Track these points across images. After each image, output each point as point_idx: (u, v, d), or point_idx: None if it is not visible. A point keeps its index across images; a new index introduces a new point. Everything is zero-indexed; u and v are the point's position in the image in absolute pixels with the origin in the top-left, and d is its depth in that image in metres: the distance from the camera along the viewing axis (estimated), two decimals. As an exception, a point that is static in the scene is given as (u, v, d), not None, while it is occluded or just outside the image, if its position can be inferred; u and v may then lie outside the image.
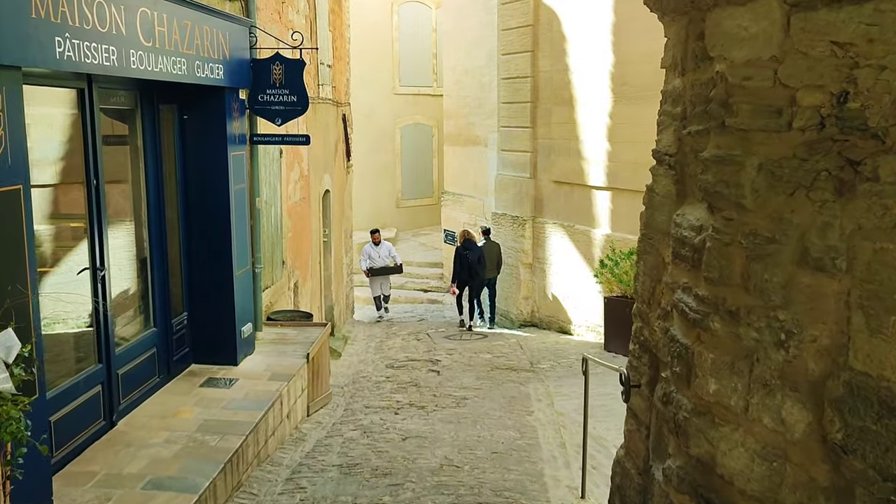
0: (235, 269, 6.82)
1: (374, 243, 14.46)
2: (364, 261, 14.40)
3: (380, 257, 14.33)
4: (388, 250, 14.53)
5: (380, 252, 14.39)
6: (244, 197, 7.06)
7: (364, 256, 14.44)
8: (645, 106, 10.25)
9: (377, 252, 14.39)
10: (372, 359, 11.12)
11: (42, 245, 4.91)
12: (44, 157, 4.89)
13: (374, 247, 14.42)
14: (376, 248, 14.41)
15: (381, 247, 14.46)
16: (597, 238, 11.53)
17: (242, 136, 7.02)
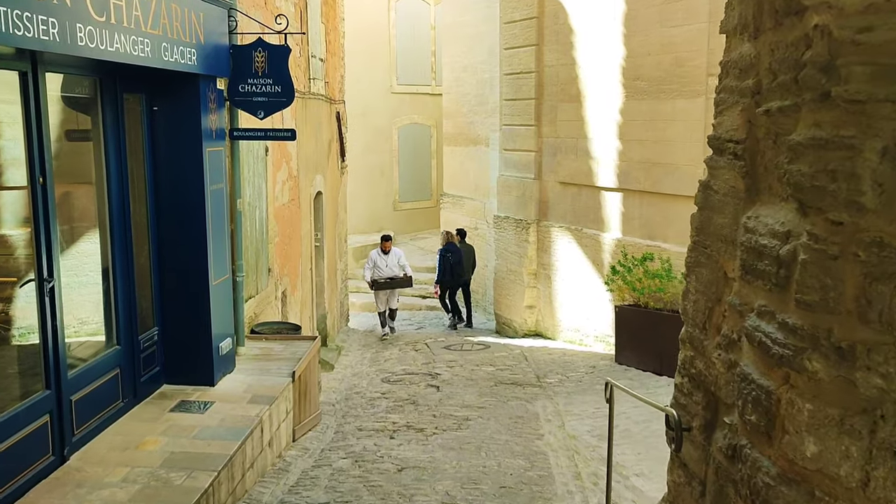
0: (212, 278, 6.12)
1: (383, 251, 12.62)
2: (368, 270, 12.55)
3: (387, 266, 12.54)
4: (398, 259, 12.61)
5: (388, 261, 12.56)
6: (223, 198, 6.35)
7: (368, 265, 12.60)
8: (660, 101, 9.57)
9: (384, 261, 12.55)
10: (367, 372, 10.41)
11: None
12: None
13: (383, 255, 12.57)
14: (384, 256, 12.57)
15: (391, 255, 12.61)
16: (606, 243, 10.84)
17: (221, 130, 6.32)
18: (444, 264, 13.39)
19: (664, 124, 9.73)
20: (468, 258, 13.59)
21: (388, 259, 12.51)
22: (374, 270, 12.49)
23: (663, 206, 9.88)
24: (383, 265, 12.51)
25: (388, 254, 12.54)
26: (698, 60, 9.13)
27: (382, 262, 12.52)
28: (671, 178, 9.67)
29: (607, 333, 10.92)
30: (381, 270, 12.51)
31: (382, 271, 12.51)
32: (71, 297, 4.96)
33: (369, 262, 12.59)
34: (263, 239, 7.95)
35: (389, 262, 12.51)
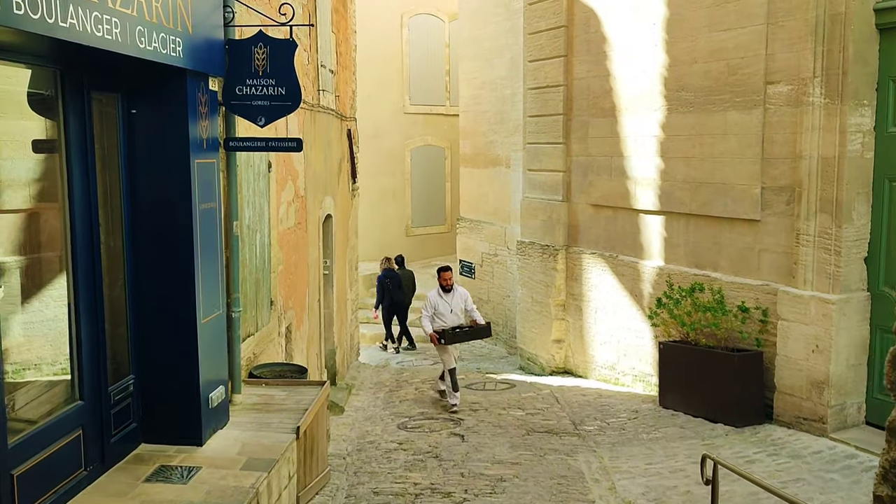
0: (201, 314, 5.09)
1: (444, 288, 9.44)
2: (427, 317, 9.37)
3: (452, 312, 9.37)
4: (464, 301, 9.53)
5: (452, 303, 9.38)
6: (215, 220, 5.35)
7: (427, 310, 9.41)
8: (708, 113, 8.57)
9: (447, 303, 9.38)
10: (380, 415, 9.32)
11: None
12: None
13: (444, 294, 9.43)
14: (446, 295, 9.42)
15: (454, 295, 9.44)
16: (647, 271, 9.77)
17: (213, 139, 5.33)
18: (384, 290, 14.15)
19: (713, 139, 8.71)
20: (407, 283, 14.59)
21: (451, 300, 9.40)
22: (438, 319, 9.36)
23: (713, 231, 8.83)
24: (446, 309, 9.37)
25: (450, 292, 9.45)
26: (754, 67, 8.13)
27: (445, 306, 9.38)
28: (722, 199, 8.63)
29: (647, 372, 9.82)
30: (445, 317, 9.35)
31: (446, 318, 9.35)
32: (17, 341, 3.94)
33: (428, 308, 9.40)
34: (265, 268, 6.94)
35: (454, 305, 9.40)
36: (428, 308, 9.41)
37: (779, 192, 7.97)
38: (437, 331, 9.24)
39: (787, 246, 7.90)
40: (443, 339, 9.19)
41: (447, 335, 9.21)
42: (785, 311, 7.75)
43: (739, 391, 7.99)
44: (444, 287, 9.44)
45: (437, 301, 9.38)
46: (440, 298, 9.40)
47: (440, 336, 9.21)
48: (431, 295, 9.50)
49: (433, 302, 9.39)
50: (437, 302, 9.37)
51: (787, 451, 7.08)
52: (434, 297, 9.44)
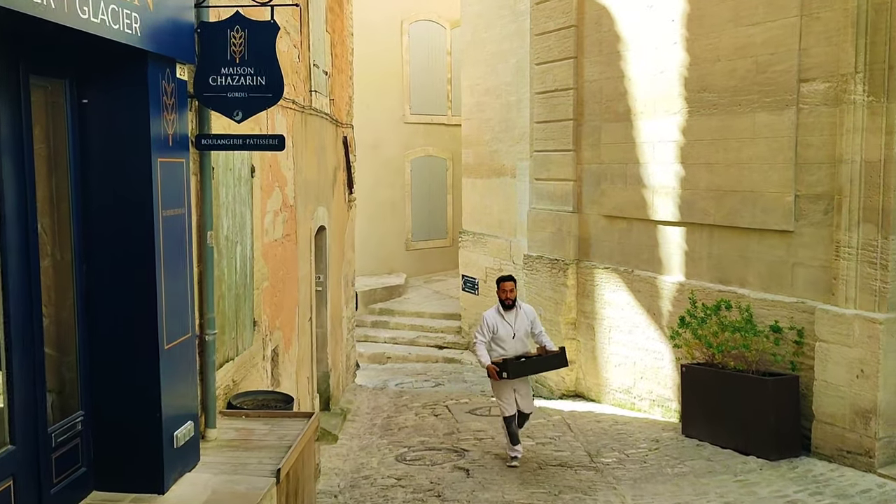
0: (165, 339, 4.34)
1: (504, 304, 7.44)
2: (482, 343, 7.36)
3: (515, 337, 7.37)
4: (531, 322, 7.51)
5: (515, 325, 7.38)
6: (184, 228, 4.62)
7: (482, 334, 7.40)
8: (734, 115, 7.88)
9: (508, 325, 7.37)
10: (377, 444, 8.56)
11: None
12: None
13: (504, 312, 7.43)
14: (507, 313, 7.41)
15: (517, 315, 7.42)
16: (665, 287, 9.03)
17: (182, 136, 4.61)
18: None
19: (740, 143, 8.00)
20: None
21: (514, 321, 7.37)
22: (496, 345, 7.37)
23: (740, 243, 8.10)
24: (507, 333, 7.33)
25: (512, 309, 7.40)
26: (786, 64, 7.44)
27: (506, 329, 7.34)
28: (750, 208, 7.91)
29: (666, 397, 9.07)
30: (505, 344, 7.34)
31: (507, 345, 7.34)
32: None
33: (483, 331, 7.38)
34: (247, 284, 6.20)
35: (518, 327, 7.37)
36: (483, 331, 7.33)
37: (815, 200, 7.25)
38: (496, 361, 7.19)
39: (824, 259, 7.17)
40: (505, 372, 7.13)
41: (511, 366, 7.13)
42: (824, 331, 7.01)
43: (773, 420, 7.23)
44: (504, 303, 7.37)
45: (495, 322, 7.31)
46: (500, 319, 7.35)
47: (501, 368, 7.15)
48: (489, 315, 7.41)
49: (491, 323, 7.31)
50: (495, 323, 7.31)
51: (832, 489, 6.32)
52: (492, 317, 7.37)
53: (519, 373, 7.29)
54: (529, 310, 7.69)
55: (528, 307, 7.75)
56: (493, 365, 7.23)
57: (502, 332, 7.36)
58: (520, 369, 7.30)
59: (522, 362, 7.33)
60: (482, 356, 7.35)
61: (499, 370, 7.19)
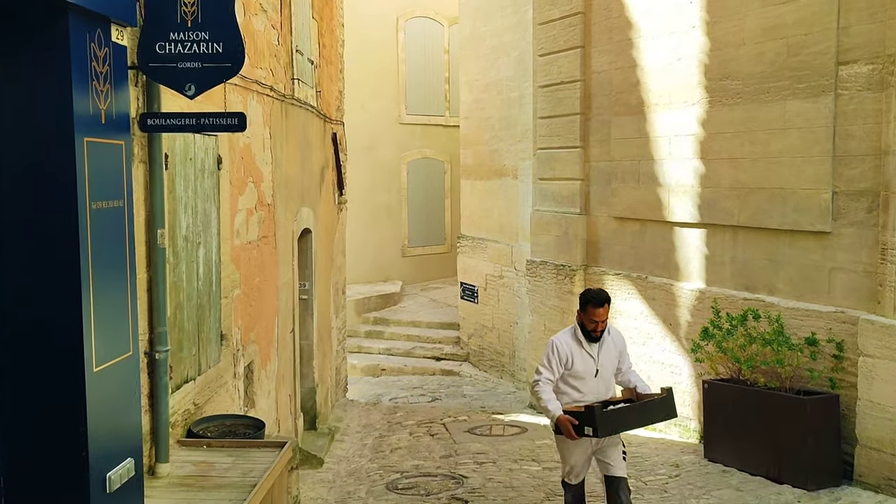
0: (93, 359, 3.53)
1: (588, 335, 5.02)
2: (547, 382, 4.97)
3: (598, 375, 5.06)
4: (618, 351, 5.19)
5: (599, 358, 5.06)
6: (122, 224, 3.81)
7: (548, 369, 5.00)
8: (761, 104, 7.10)
9: (590, 356, 5.04)
10: (366, 468, 7.75)
11: None
12: None
13: (584, 343, 5.03)
14: (590, 345, 5.03)
15: (603, 343, 5.07)
16: (683, 295, 8.23)
17: (121, 114, 3.81)
18: None
19: (768, 136, 7.21)
20: None
21: (598, 353, 5.06)
22: (568, 385, 5.04)
23: (768, 246, 7.30)
24: (588, 370, 5.04)
25: (597, 340, 5.05)
26: (823, 45, 6.65)
27: (586, 364, 5.04)
28: (780, 207, 7.11)
29: (684, 415, 8.25)
30: (585, 384, 5.04)
31: (586, 386, 5.04)
32: None
33: (551, 364, 5.01)
34: (213, 292, 5.40)
35: (603, 362, 5.07)
36: (552, 365, 4.97)
37: (856, 196, 6.46)
38: (573, 411, 4.82)
39: (868, 264, 6.38)
40: (590, 428, 4.69)
41: (601, 419, 4.67)
42: (868, 344, 6.20)
43: (811, 444, 6.42)
44: (588, 331, 4.97)
45: (570, 353, 4.96)
46: (578, 348, 4.98)
47: (581, 421, 4.73)
48: (561, 343, 5.00)
49: (564, 354, 4.95)
50: (570, 355, 4.96)
51: (884, 526, 5.51)
52: (566, 345, 4.98)
53: (611, 428, 4.80)
54: (619, 337, 5.24)
55: (616, 333, 5.26)
56: (569, 416, 4.78)
57: (580, 367, 4.97)
58: (613, 423, 4.78)
59: (615, 412, 4.84)
60: (548, 401, 4.87)
61: (577, 423, 4.75)
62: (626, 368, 5.24)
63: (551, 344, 5.10)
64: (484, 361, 13.26)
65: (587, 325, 5.01)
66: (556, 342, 5.08)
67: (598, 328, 5.00)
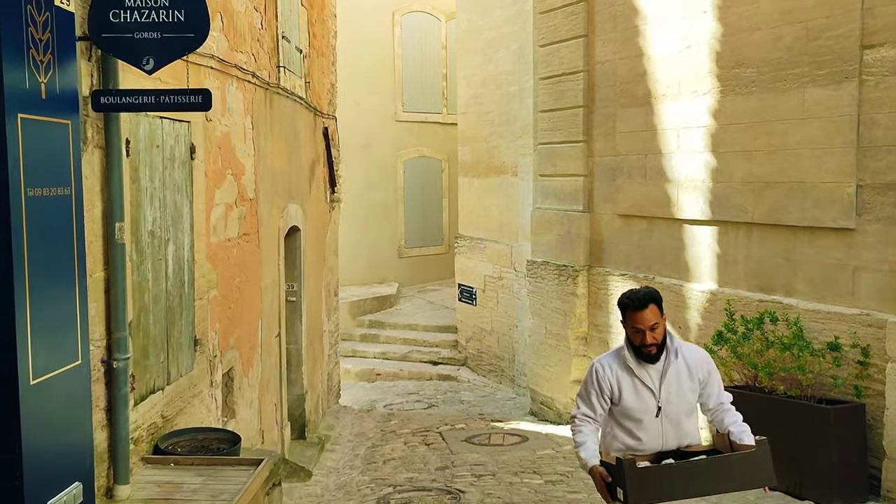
0: (30, 370, 3.07)
1: (641, 352, 3.54)
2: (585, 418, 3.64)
3: (661, 415, 3.57)
4: (699, 379, 3.65)
5: (662, 387, 3.56)
6: (69, 215, 3.35)
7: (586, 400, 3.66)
8: (777, 93, 6.65)
9: (645, 387, 3.58)
10: (357, 481, 7.28)
11: None
12: None
13: (639, 364, 3.57)
14: (642, 368, 3.57)
15: (668, 366, 3.57)
16: (693, 297, 7.77)
17: (68, 91, 3.35)
18: None
19: (785, 126, 6.75)
20: None
21: (660, 381, 3.59)
22: (621, 425, 3.67)
23: (785, 244, 6.84)
24: (643, 406, 3.60)
25: (654, 360, 3.57)
26: (845, 27, 6.19)
27: (641, 397, 3.61)
28: (798, 202, 6.65)
29: (695, 424, 7.76)
30: (641, 425, 3.61)
31: (643, 428, 3.61)
32: None
33: (590, 397, 3.66)
34: (185, 293, 4.93)
35: (669, 394, 3.59)
36: (591, 398, 3.67)
37: (883, 190, 5.99)
38: (607, 463, 3.53)
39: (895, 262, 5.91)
40: (621, 489, 3.37)
41: (630, 478, 3.31)
42: (897, 349, 5.74)
43: (835, 457, 5.95)
44: (641, 350, 3.58)
45: (615, 382, 3.63)
46: (627, 377, 3.62)
47: (615, 477, 3.41)
48: (603, 368, 3.66)
49: (606, 384, 3.63)
50: (616, 385, 3.63)
51: (919, 548, 5.04)
52: (609, 371, 3.65)
53: (650, 494, 3.35)
54: (696, 357, 3.70)
55: (695, 351, 3.77)
56: (603, 469, 3.48)
57: (632, 403, 3.59)
58: (653, 486, 3.35)
59: (659, 471, 3.42)
60: (580, 446, 3.58)
61: (611, 481, 3.42)
62: (715, 404, 3.71)
63: (590, 369, 3.70)
64: (482, 366, 12.79)
65: (633, 338, 3.56)
66: (596, 367, 3.65)
67: (647, 340, 3.50)
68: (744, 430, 3.61)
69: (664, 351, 3.61)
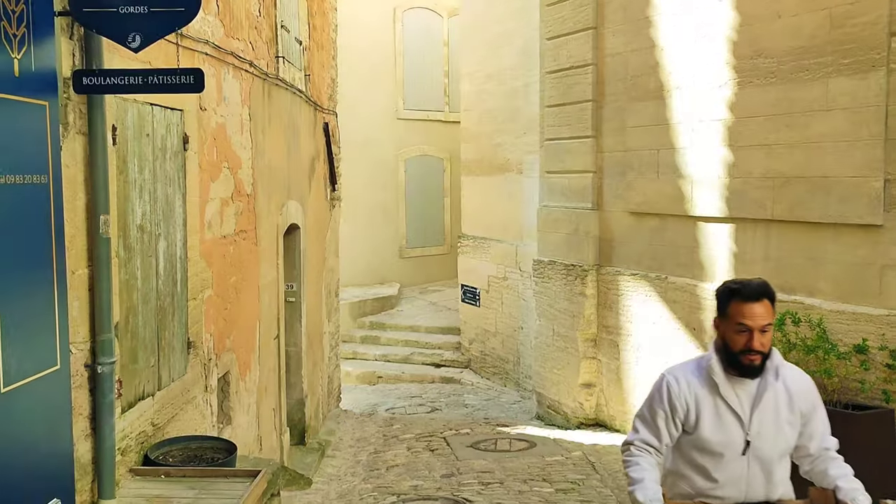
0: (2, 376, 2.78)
1: (734, 355, 2.70)
2: (642, 448, 2.84)
3: (751, 455, 2.73)
4: (801, 412, 2.81)
5: (754, 416, 2.73)
6: (44, 207, 3.06)
7: (648, 423, 2.85)
8: (799, 84, 6.35)
9: (725, 413, 2.74)
10: (360, 490, 6.97)
11: None
12: None
13: (723, 385, 2.74)
14: (731, 390, 2.74)
15: (765, 387, 2.74)
16: (709, 297, 7.45)
17: (45, 70, 3.06)
18: None
19: (808, 118, 6.45)
20: None
21: (753, 409, 2.75)
22: (692, 466, 2.81)
23: (807, 242, 6.54)
24: (728, 439, 2.75)
25: (755, 375, 2.74)
26: (873, 13, 5.90)
27: (724, 427, 2.75)
28: (822, 198, 6.35)
29: (711, 429, 7.47)
30: (723, 468, 2.76)
31: (727, 470, 2.75)
32: None
33: (656, 419, 2.83)
34: (178, 292, 4.62)
35: (760, 430, 2.75)
36: (655, 420, 2.86)
37: (914, 184, 5.70)
38: None
39: (927, 260, 5.62)
40: None
41: None
42: (930, 352, 5.44)
43: (864, 464, 5.62)
44: (735, 356, 2.74)
45: (693, 402, 2.80)
46: (710, 398, 2.79)
47: None
48: (677, 380, 2.85)
49: (681, 404, 2.80)
50: (693, 406, 2.80)
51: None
52: (684, 385, 2.82)
53: None
54: (799, 383, 2.89)
55: (799, 376, 2.93)
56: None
57: (713, 433, 2.78)
58: None
59: None
60: (636, 483, 2.75)
61: None
62: (818, 449, 2.88)
63: (660, 383, 2.87)
64: (486, 368, 12.49)
65: (733, 340, 2.68)
66: (668, 381, 2.83)
67: (754, 345, 2.66)
68: (856, 487, 2.75)
69: (765, 371, 2.75)
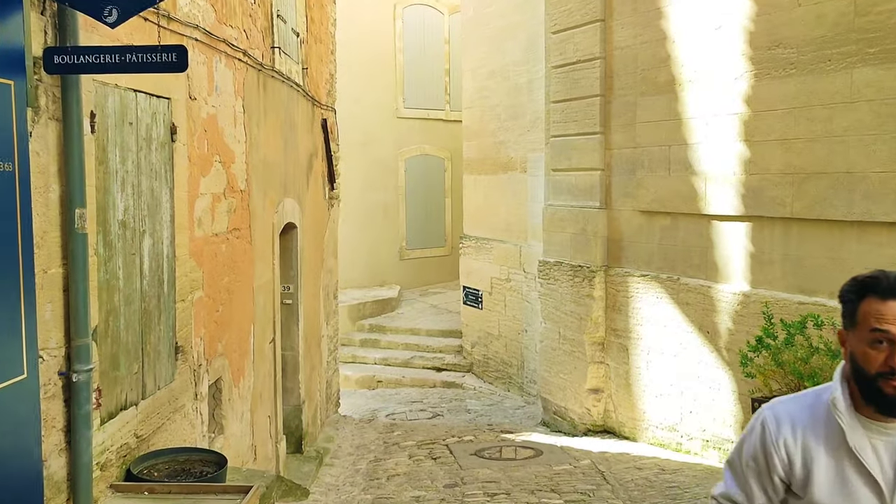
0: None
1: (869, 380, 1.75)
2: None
3: None
4: None
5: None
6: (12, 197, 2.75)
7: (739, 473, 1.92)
8: (820, 75, 6.06)
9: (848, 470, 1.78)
10: (359, 500, 6.66)
11: None
12: None
13: (850, 429, 1.77)
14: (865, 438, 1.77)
15: None
16: (724, 299, 7.16)
17: (10, 45, 2.75)
18: None
19: (830, 111, 6.15)
20: None
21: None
22: None
23: (830, 241, 6.24)
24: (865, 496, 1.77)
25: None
26: (900, 0, 5.61)
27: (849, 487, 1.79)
28: (846, 194, 6.05)
29: (725, 437, 7.18)
30: None
31: None
32: None
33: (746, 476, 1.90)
34: (164, 293, 4.31)
35: None
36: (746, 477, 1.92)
37: (945, 179, 5.40)
38: None
39: (959, 260, 5.32)
40: None
41: None
42: (964, 357, 5.12)
43: (893, 478, 5.32)
44: (871, 381, 1.78)
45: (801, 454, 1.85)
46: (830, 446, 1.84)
47: None
48: (779, 421, 1.88)
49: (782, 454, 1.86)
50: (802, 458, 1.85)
51: None
52: (785, 427, 1.87)
53: None
54: None
55: None
56: None
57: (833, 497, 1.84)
58: None
59: None
60: None
61: None
62: None
63: (755, 423, 1.95)
64: (489, 372, 12.17)
65: (867, 362, 1.82)
66: (767, 419, 1.92)
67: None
68: None
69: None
